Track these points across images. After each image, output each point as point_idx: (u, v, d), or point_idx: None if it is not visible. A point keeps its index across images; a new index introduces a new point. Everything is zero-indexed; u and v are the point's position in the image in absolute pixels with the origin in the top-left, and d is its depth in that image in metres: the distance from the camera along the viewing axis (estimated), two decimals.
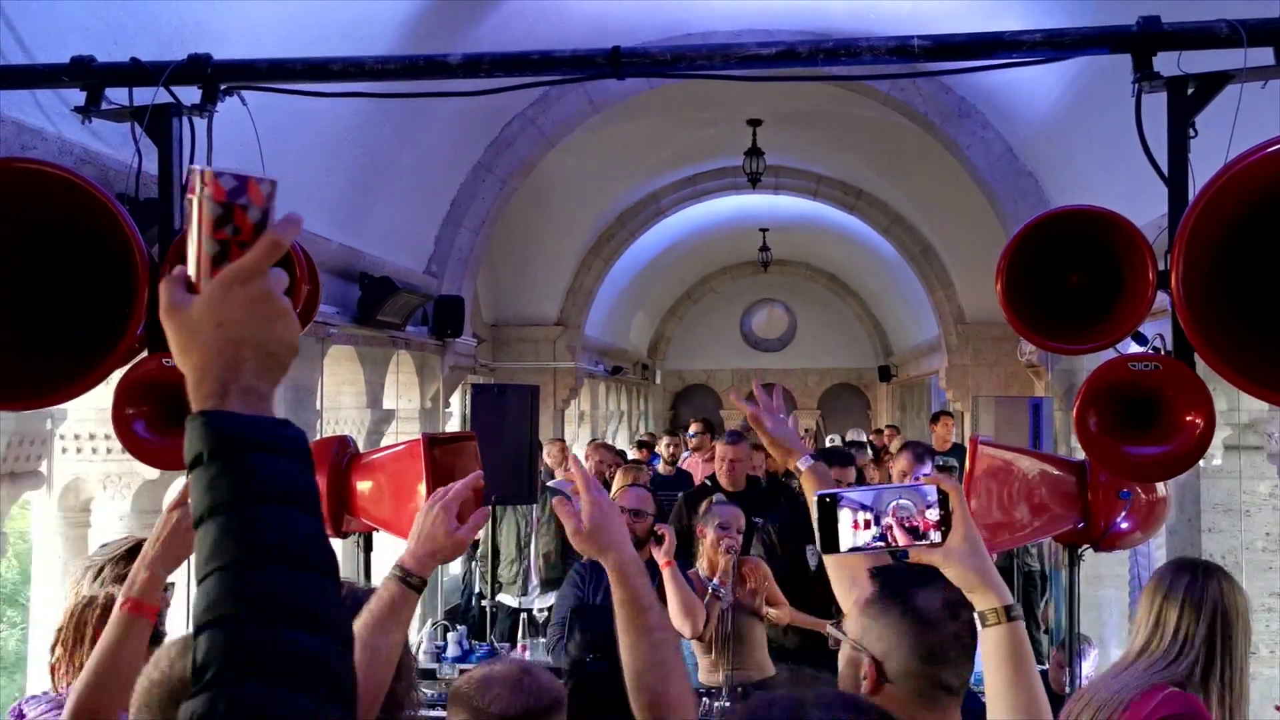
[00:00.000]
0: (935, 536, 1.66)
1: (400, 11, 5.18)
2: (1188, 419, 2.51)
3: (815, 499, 1.72)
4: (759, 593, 4.63)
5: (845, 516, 1.69)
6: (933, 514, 1.67)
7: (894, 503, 1.68)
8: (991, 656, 1.66)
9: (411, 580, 1.90)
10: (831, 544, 1.70)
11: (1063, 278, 2.74)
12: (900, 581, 1.83)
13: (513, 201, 8.18)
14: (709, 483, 6.61)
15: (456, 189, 7.59)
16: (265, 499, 1.00)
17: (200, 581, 0.98)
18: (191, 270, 1.08)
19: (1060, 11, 4.61)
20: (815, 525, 1.71)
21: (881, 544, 1.69)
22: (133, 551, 2.93)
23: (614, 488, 7.40)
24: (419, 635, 5.91)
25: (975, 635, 1.74)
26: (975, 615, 1.68)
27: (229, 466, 1.01)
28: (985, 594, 1.65)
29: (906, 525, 1.67)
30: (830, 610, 5.21)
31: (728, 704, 3.96)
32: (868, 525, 1.69)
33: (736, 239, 16.13)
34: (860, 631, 1.82)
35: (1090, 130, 5.74)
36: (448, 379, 8.00)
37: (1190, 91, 2.63)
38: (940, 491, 1.67)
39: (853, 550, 1.72)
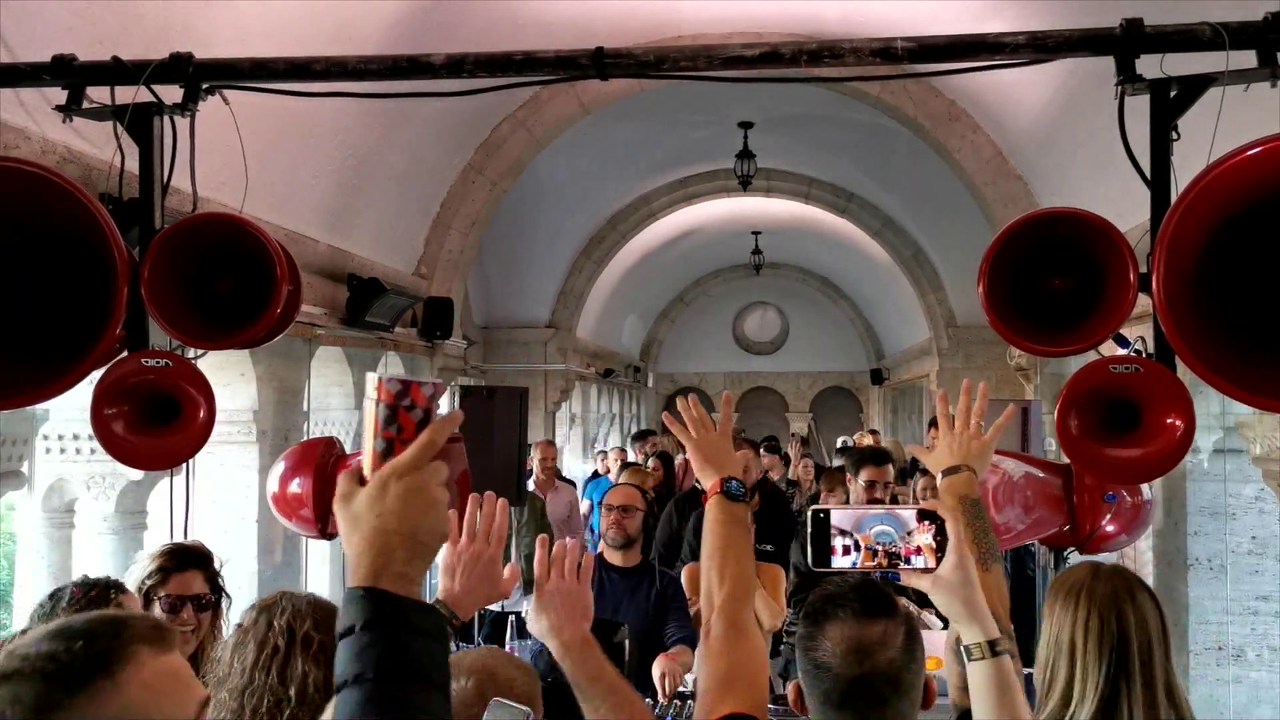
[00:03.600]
0: (918, 562, 1.66)
1: (389, 13, 5.17)
2: (1168, 421, 2.51)
3: (810, 514, 1.71)
4: None
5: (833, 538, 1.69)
6: (921, 538, 1.66)
7: (875, 528, 1.68)
8: (977, 690, 1.65)
9: (454, 621, 1.95)
10: (823, 560, 1.70)
11: (1045, 280, 2.74)
12: None
13: (503, 203, 8.16)
14: (698, 484, 6.59)
15: (446, 190, 7.58)
16: (408, 677, 1.12)
17: None
18: (366, 465, 1.23)
19: (1050, 14, 4.62)
20: (809, 541, 1.70)
21: (873, 565, 1.68)
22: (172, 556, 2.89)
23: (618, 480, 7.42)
24: None
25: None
26: (961, 648, 1.67)
27: (378, 640, 1.13)
28: (971, 627, 1.65)
29: (888, 551, 1.67)
30: None
31: None
32: (846, 551, 1.68)
33: (729, 242, 16.14)
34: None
35: (1080, 134, 5.75)
36: None
37: (1173, 94, 2.63)
38: (936, 517, 1.66)
39: (841, 571, 1.72)
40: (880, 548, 1.67)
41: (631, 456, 11.20)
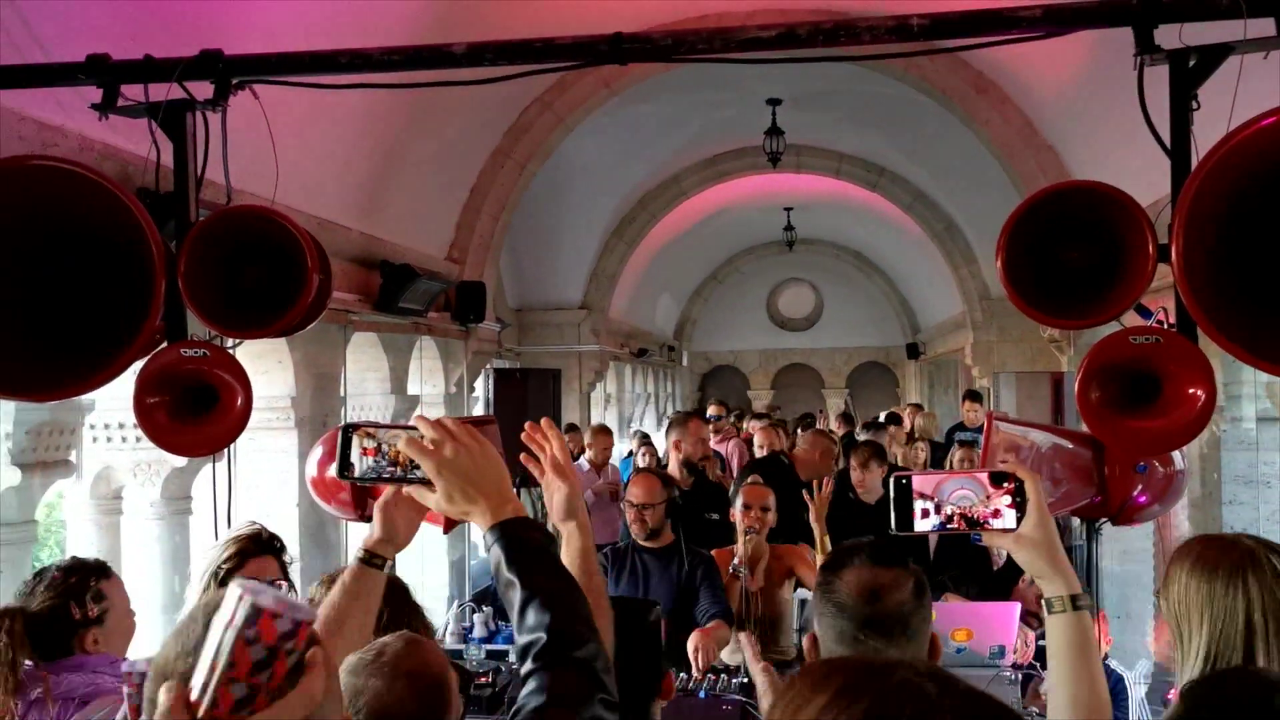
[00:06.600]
0: (998, 523, 1.71)
1: (414, 6, 5.22)
2: (1189, 392, 2.52)
3: (892, 480, 1.76)
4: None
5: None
6: (1000, 500, 1.70)
7: (955, 492, 1.72)
8: (1055, 643, 1.69)
9: (375, 560, 1.81)
10: (906, 524, 1.74)
11: (1064, 253, 2.74)
12: None
13: (534, 186, 8.22)
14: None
15: (476, 175, 7.64)
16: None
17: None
18: (202, 706, 0.97)
19: None
20: (891, 505, 1.75)
21: (954, 528, 1.73)
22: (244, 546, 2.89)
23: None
24: (446, 616, 6.00)
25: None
26: (1043, 601, 1.72)
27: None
28: (1054, 581, 1.69)
29: (968, 515, 1.72)
30: None
31: (745, 680, 3.99)
32: (925, 515, 1.73)
33: (761, 218, 16.09)
34: None
35: (1110, 102, 5.69)
36: (471, 364, 8.08)
37: (1192, 64, 2.62)
38: (1015, 479, 1.71)
39: (924, 533, 1.77)
40: (960, 510, 1.72)
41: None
